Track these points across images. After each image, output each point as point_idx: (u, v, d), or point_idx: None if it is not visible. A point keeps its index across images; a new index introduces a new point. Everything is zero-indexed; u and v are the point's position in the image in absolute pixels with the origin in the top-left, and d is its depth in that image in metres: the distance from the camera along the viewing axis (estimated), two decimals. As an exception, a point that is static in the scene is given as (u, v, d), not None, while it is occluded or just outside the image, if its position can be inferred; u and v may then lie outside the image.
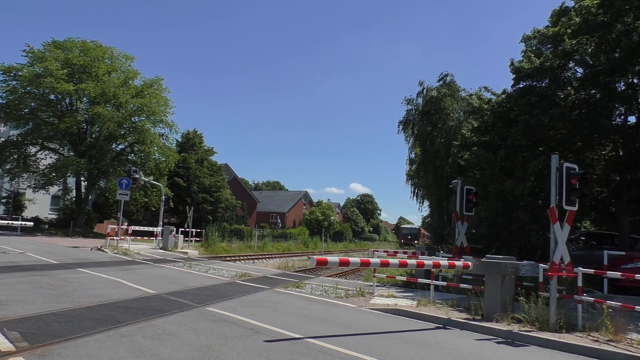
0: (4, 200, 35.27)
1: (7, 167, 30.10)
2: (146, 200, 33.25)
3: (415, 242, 56.63)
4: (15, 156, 30.18)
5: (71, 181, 33.89)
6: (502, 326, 7.41)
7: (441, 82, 27.84)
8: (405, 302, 9.70)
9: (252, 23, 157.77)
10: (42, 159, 31.86)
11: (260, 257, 27.68)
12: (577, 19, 13.44)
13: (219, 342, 5.55)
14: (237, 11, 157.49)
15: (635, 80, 13.43)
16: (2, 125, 34.58)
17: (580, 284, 7.74)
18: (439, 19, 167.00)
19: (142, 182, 27.55)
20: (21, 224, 23.26)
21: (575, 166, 8.10)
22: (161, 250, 21.89)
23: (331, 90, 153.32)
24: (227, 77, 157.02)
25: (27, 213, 34.73)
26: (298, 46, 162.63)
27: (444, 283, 10.67)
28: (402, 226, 79.22)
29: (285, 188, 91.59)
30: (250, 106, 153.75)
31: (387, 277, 12.73)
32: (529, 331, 7.14)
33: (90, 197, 34.34)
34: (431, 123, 26.81)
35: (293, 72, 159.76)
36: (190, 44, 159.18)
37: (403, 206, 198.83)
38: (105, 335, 5.53)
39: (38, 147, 31.37)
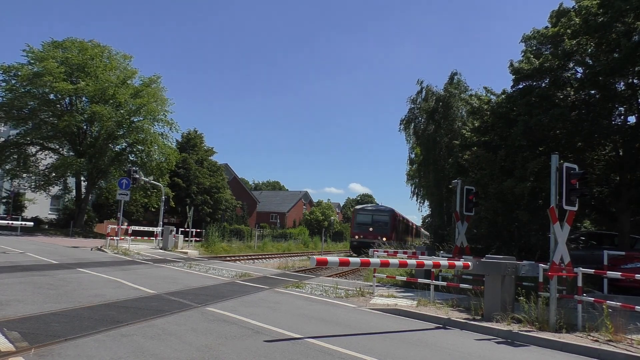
0: (4, 200, 35.25)
1: (7, 167, 30.09)
2: (146, 200, 33.25)
3: (384, 238, 30.82)
4: (15, 156, 30.16)
5: (71, 181, 33.84)
6: (502, 326, 7.41)
7: (449, 81, 27.61)
8: (405, 302, 9.70)
9: (252, 23, 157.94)
10: (42, 159, 31.84)
11: (260, 257, 27.67)
12: (577, 19, 13.45)
13: (218, 342, 5.55)
14: (237, 11, 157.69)
15: (635, 81, 13.44)
16: (2, 125, 34.57)
17: (580, 284, 7.75)
18: (438, 19, 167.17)
19: (142, 182, 27.56)
20: (21, 224, 23.28)
21: (575, 166, 8.11)
22: (161, 250, 21.90)
23: (331, 90, 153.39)
24: (227, 77, 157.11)
25: (27, 213, 34.70)
26: (298, 46, 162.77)
27: (444, 283, 10.67)
28: (356, 207, 42.17)
29: (285, 188, 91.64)
30: (251, 106, 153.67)
31: (387, 277, 12.73)
32: (529, 331, 7.14)
33: (90, 197, 34.32)
34: (435, 122, 26.54)
35: (293, 72, 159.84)
36: (189, 44, 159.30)
37: (403, 206, 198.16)
38: (105, 335, 5.53)
39: (38, 147, 31.34)
